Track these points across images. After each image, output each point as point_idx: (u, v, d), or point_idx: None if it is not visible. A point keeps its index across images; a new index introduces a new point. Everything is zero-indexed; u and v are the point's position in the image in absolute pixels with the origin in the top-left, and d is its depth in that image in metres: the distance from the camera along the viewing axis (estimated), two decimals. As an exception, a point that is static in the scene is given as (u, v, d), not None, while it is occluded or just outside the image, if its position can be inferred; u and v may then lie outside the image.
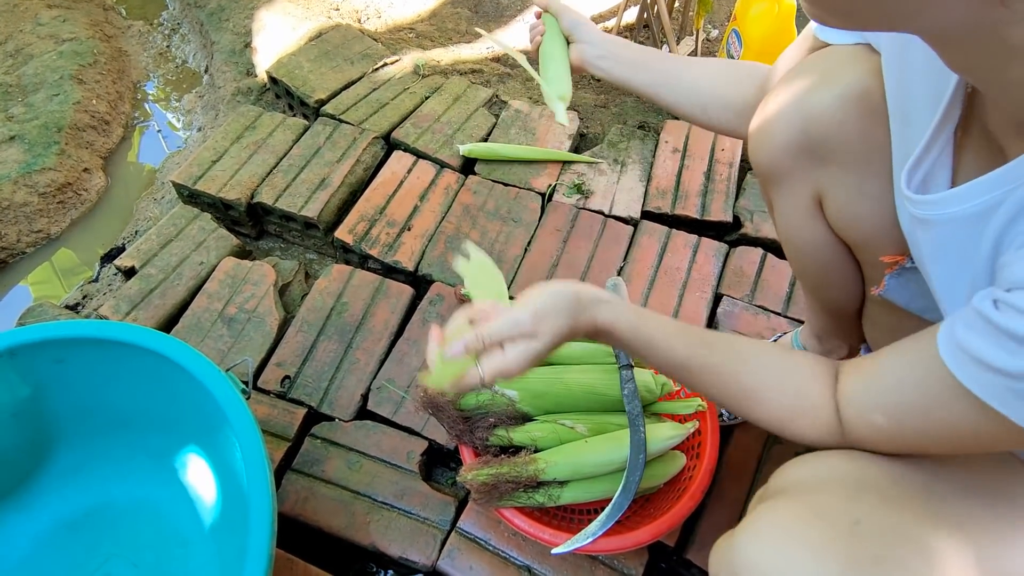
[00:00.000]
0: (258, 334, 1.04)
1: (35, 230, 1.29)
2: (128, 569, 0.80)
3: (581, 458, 0.76)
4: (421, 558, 0.84)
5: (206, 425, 0.76)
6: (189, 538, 0.82)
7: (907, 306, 0.60)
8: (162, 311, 1.07)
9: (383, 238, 1.16)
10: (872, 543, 0.45)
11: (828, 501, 0.49)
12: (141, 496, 0.85)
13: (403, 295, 1.09)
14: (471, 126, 1.35)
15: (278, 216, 1.22)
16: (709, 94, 0.73)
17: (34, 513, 0.83)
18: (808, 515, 0.48)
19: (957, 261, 0.46)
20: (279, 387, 0.99)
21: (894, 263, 0.58)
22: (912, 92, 0.49)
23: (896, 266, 0.58)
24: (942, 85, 0.45)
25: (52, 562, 0.80)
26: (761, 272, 1.11)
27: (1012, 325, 0.36)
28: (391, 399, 0.98)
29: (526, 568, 0.83)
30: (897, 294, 0.60)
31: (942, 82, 0.46)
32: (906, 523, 0.46)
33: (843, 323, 0.75)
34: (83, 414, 0.83)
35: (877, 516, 0.47)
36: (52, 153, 1.33)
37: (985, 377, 0.38)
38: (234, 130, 1.32)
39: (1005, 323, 0.36)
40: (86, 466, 0.85)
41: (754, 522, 0.49)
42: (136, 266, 1.12)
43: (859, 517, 0.47)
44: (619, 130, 1.35)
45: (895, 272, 0.58)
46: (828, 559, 0.44)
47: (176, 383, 0.75)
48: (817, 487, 0.52)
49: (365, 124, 1.34)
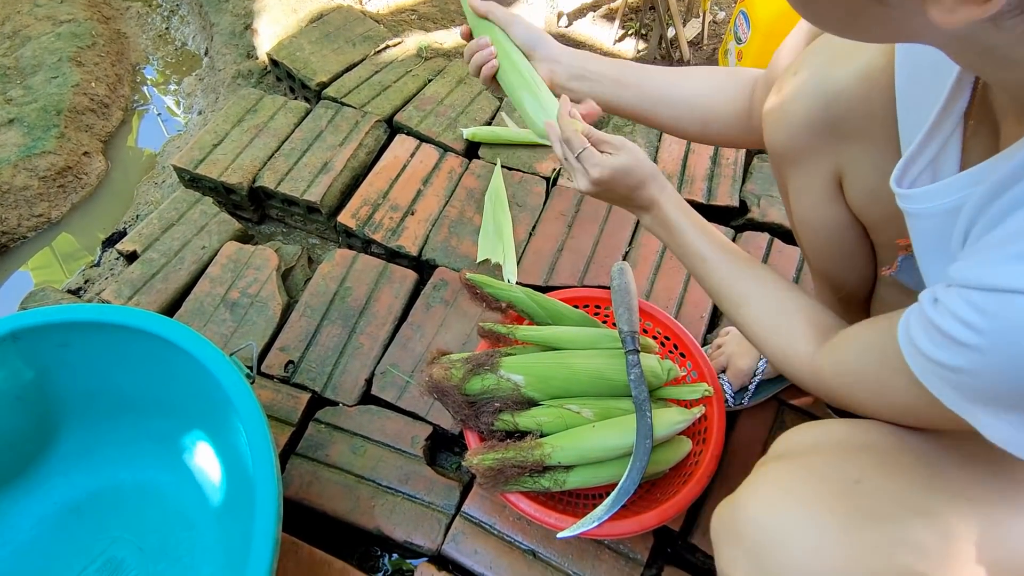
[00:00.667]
0: (261, 319, 1.04)
1: (36, 214, 1.28)
2: (133, 552, 0.80)
3: (587, 443, 0.75)
4: (426, 542, 0.84)
5: (211, 409, 0.76)
6: (194, 521, 0.82)
7: (917, 288, 0.60)
8: (164, 296, 1.06)
9: (386, 223, 1.15)
10: (872, 501, 0.46)
11: (828, 462, 0.50)
12: (146, 479, 0.85)
13: (407, 280, 1.08)
14: (474, 109, 1.33)
15: (280, 200, 1.21)
16: (708, 108, 0.71)
17: (40, 496, 0.83)
18: (808, 474, 0.49)
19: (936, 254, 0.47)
20: (283, 372, 0.99)
21: (908, 245, 0.57)
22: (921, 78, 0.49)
23: (910, 248, 0.57)
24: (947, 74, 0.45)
25: (58, 545, 0.80)
26: (768, 257, 1.10)
27: (940, 322, 0.38)
28: (395, 384, 0.97)
29: (531, 552, 0.83)
30: (908, 275, 0.59)
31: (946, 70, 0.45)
32: (906, 486, 0.47)
33: (851, 308, 0.75)
34: (88, 398, 0.82)
35: (877, 477, 0.48)
36: (52, 136, 1.32)
37: (920, 361, 0.41)
38: (235, 113, 1.31)
39: (937, 319, 0.39)
40: (91, 450, 0.85)
41: (755, 482, 0.51)
42: (138, 250, 1.12)
43: (859, 477, 0.48)
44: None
45: (910, 254, 0.58)
46: (828, 515, 0.45)
47: (180, 367, 0.75)
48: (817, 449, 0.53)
49: (367, 107, 1.32)
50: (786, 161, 0.63)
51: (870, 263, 0.67)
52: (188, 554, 0.80)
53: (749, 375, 0.90)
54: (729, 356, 0.92)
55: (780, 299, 0.62)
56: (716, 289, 0.65)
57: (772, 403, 0.94)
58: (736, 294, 0.63)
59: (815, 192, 0.62)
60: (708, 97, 0.71)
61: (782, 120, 0.60)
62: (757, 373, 0.90)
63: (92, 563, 0.80)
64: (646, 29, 1.62)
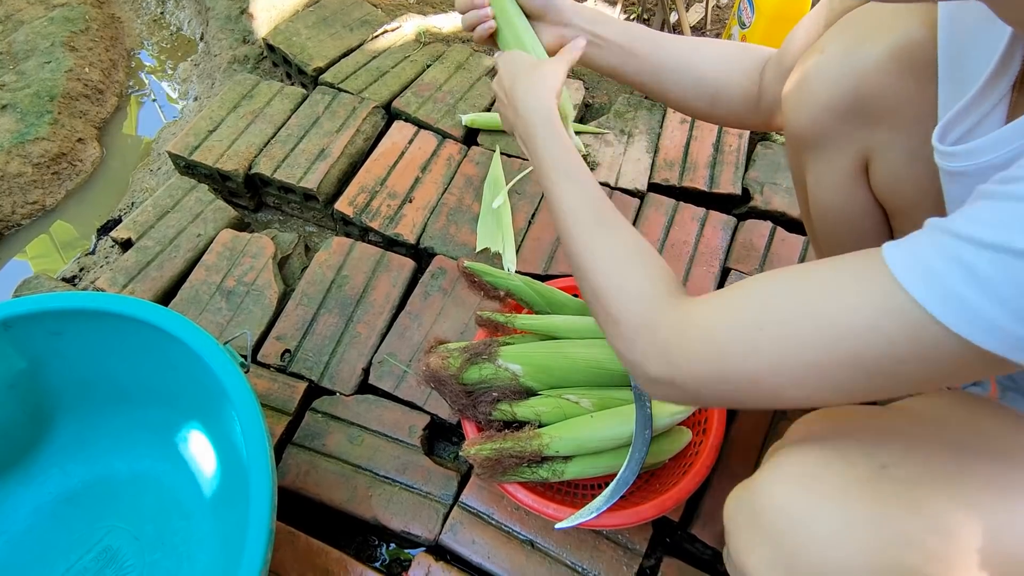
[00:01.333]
0: (257, 307, 1.03)
1: (30, 201, 1.27)
2: (129, 541, 0.80)
3: (586, 433, 0.74)
4: (423, 532, 0.83)
5: (205, 399, 0.75)
6: (190, 511, 0.81)
7: None
8: (159, 284, 1.05)
9: (384, 210, 1.14)
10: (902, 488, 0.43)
11: (853, 445, 0.47)
12: (142, 469, 0.85)
13: (404, 268, 1.07)
14: (474, 95, 1.31)
15: (277, 187, 1.19)
16: (717, 85, 0.68)
17: (35, 486, 0.82)
18: (832, 457, 0.46)
19: None
20: (279, 361, 0.98)
21: None
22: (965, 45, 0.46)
23: None
24: (996, 37, 0.43)
25: (53, 534, 0.80)
26: (771, 246, 1.08)
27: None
28: (393, 373, 0.96)
29: (529, 542, 0.82)
30: None
31: (996, 34, 0.43)
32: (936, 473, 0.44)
33: None
34: (82, 387, 0.81)
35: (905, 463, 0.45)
36: (45, 122, 1.30)
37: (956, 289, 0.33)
38: (231, 99, 1.29)
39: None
40: (87, 439, 0.84)
41: (776, 466, 0.48)
42: (132, 238, 1.10)
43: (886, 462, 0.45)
44: (626, 100, 1.31)
45: None
46: (855, 500, 0.43)
47: (174, 356, 0.74)
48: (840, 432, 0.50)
49: (365, 93, 1.31)
50: (807, 145, 0.60)
51: None
52: (184, 543, 0.79)
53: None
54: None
55: (642, 246, 0.54)
56: (572, 208, 0.57)
57: (773, 393, 0.93)
58: (591, 219, 0.56)
59: (837, 178, 0.60)
60: (718, 73, 0.68)
61: (805, 101, 0.57)
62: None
63: (88, 552, 0.79)
64: (648, 13, 1.59)
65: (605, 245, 0.54)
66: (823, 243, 0.70)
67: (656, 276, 0.51)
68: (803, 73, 0.57)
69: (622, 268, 0.52)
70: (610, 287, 0.52)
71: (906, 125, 0.53)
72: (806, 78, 0.57)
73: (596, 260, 0.54)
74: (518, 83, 0.65)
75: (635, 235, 0.55)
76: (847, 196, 0.60)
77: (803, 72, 0.57)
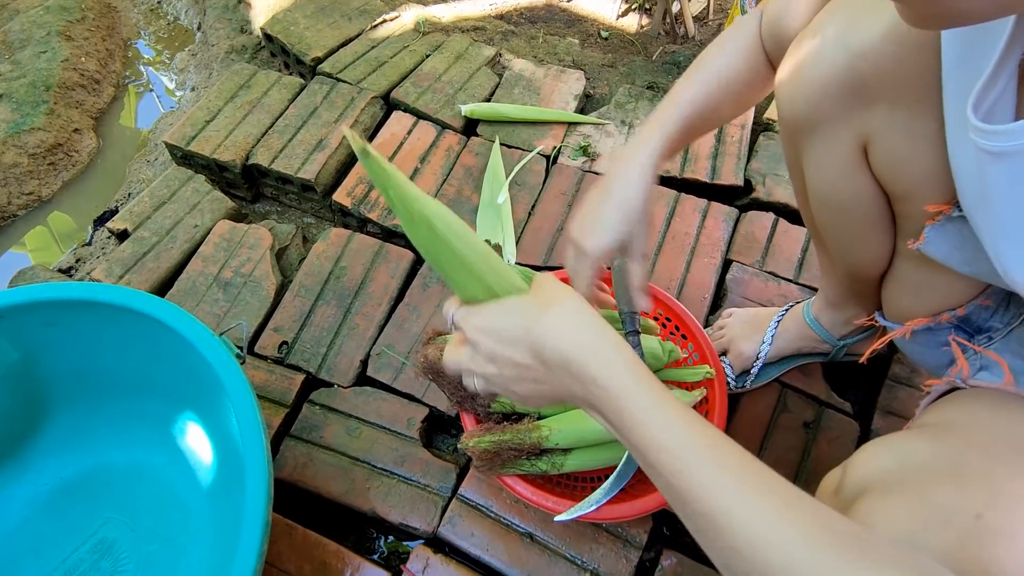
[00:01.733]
0: (255, 299, 1.02)
1: (26, 192, 1.25)
2: (125, 533, 0.79)
3: (585, 426, 0.74)
4: (422, 524, 0.83)
5: (201, 390, 0.74)
6: (187, 503, 0.81)
7: (945, 260, 0.56)
8: (156, 275, 1.04)
9: (383, 201, 1.12)
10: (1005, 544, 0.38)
11: (939, 493, 0.41)
12: (139, 461, 0.84)
13: (403, 260, 1.06)
14: (473, 85, 1.30)
15: (274, 178, 1.18)
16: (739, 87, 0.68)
17: (30, 477, 0.81)
18: (926, 513, 0.41)
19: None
20: (277, 353, 0.97)
21: (938, 213, 0.54)
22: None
23: (940, 216, 0.53)
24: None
25: (49, 526, 0.79)
26: (772, 237, 1.07)
27: None
28: (391, 365, 0.95)
29: (528, 535, 0.82)
30: (936, 247, 0.55)
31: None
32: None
33: (864, 287, 0.72)
34: (77, 378, 0.81)
35: (999, 509, 0.39)
36: (41, 113, 1.29)
37: None
38: (228, 89, 1.28)
39: None
40: (83, 431, 0.83)
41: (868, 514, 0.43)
42: (129, 229, 1.09)
43: (980, 511, 0.39)
44: (627, 90, 1.30)
45: (939, 223, 0.54)
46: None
47: (169, 347, 0.73)
48: (913, 477, 0.45)
49: (363, 83, 1.29)
50: (803, 131, 0.59)
51: (890, 238, 0.63)
52: (180, 535, 0.79)
53: (751, 359, 0.88)
54: (731, 339, 0.90)
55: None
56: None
57: (775, 385, 0.92)
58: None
59: (835, 163, 0.58)
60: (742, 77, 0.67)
61: (801, 86, 0.56)
62: (760, 357, 0.88)
63: (84, 544, 0.79)
64: (650, 3, 1.57)
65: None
66: (823, 232, 0.68)
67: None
68: (798, 58, 0.56)
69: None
70: None
71: (907, 103, 0.51)
72: (801, 62, 0.55)
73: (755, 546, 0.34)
74: (536, 327, 0.42)
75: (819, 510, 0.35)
76: (846, 182, 0.59)
77: (797, 56, 0.56)
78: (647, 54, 1.46)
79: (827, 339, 0.86)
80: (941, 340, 0.62)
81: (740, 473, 0.36)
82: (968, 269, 0.54)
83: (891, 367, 0.94)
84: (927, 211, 0.53)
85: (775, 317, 0.90)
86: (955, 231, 0.53)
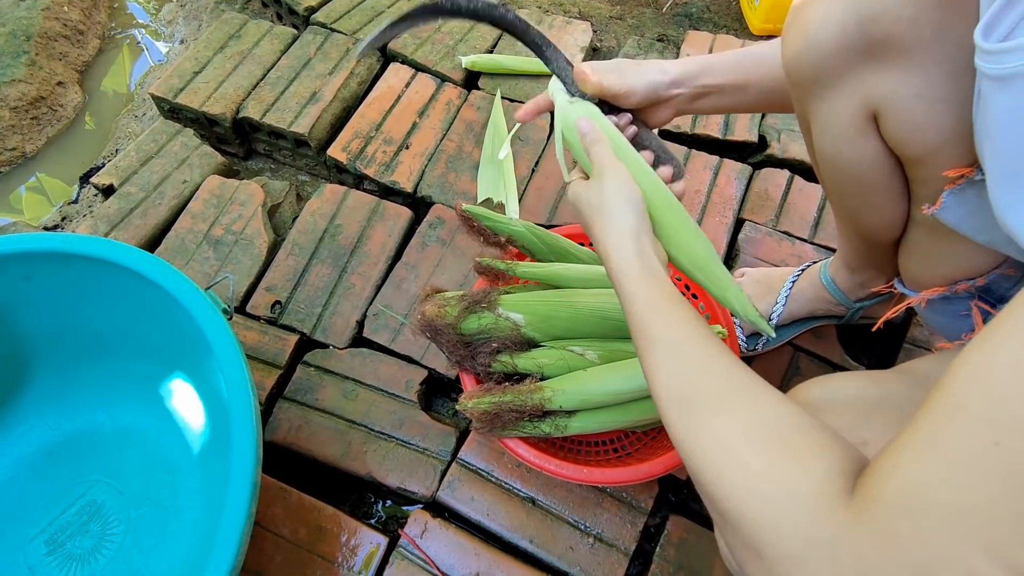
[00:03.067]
0: (246, 257, 0.98)
1: (8, 148, 1.20)
2: (113, 496, 0.77)
3: (591, 387, 0.70)
4: (420, 488, 0.80)
5: (188, 348, 0.71)
6: (177, 465, 0.78)
7: (957, 226, 0.53)
8: (143, 231, 1.00)
9: (379, 157, 1.07)
10: None
11: (837, 422, 0.45)
12: (127, 423, 0.81)
13: (401, 217, 1.02)
14: (474, 37, 1.23)
15: (266, 133, 1.13)
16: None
17: (14, 438, 0.79)
18: None
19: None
20: (269, 313, 0.94)
21: (960, 176, 0.50)
22: None
23: (962, 179, 0.50)
24: None
25: (35, 487, 0.77)
26: (787, 196, 1.02)
27: None
28: (388, 326, 0.92)
29: (530, 499, 0.79)
30: (951, 213, 0.52)
31: None
32: None
33: (880, 253, 0.68)
34: (58, 337, 0.77)
35: (885, 438, 0.41)
36: (21, 64, 1.23)
37: None
38: (217, 39, 1.22)
39: None
40: (66, 391, 0.80)
41: None
42: (115, 184, 1.05)
43: (867, 438, 0.43)
44: (636, 42, 1.24)
45: (959, 187, 0.50)
46: None
47: (153, 303, 0.69)
48: (828, 408, 0.49)
49: (359, 34, 1.23)
50: (811, 93, 0.55)
51: (904, 202, 0.59)
52: (171, 498, 0.76)
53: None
54: (744, 299, 0.86)
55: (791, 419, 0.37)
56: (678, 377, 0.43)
57: (787, 348, 0.89)
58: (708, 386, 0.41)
59: (846, 125, 0.54)
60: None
61: (809, 47, 0.51)
62: (772, 318, 0.84)
63: (71, 506, 0.76)
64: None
65: (723, 431, 0.37)
66: (833, 195, 0.65)
67: (815, 461, 0.33)
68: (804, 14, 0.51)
69: (754, 461, 0.35)
70: (736, 493, 0.34)
71: (922, 65, 0.47)
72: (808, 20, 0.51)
73: (710, 456, 0.37)
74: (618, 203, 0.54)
75: (777, 403, 0.38)
76: (857, 145, 0.55)
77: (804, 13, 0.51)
78: (657, 5, 1.39)
79: (843, 301, 0.82)
80: (959, 308, 0.59)
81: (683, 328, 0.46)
82: (983, 237, 0.51)
83: (910, 330, 0.90)
84: (947, 176, 0.50)
85: (789, 278, 0.86)
86: (974, 196, 0.49)
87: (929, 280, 0.61)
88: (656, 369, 0.44)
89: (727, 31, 1.33)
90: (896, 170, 0.56)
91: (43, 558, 0.73)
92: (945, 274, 0.59)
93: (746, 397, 0.39)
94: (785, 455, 0.34)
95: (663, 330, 0.46)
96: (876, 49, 0.48)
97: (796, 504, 0.32)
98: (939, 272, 0.60)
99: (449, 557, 0.75)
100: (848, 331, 0.91)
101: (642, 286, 0.49)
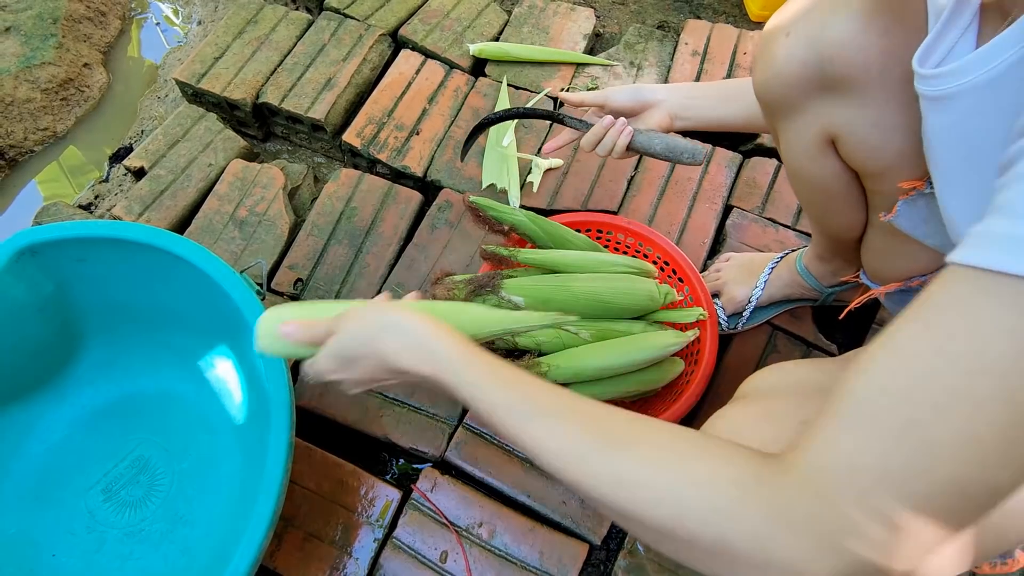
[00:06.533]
0: (270, 237, 1.06)
1: (41, 128, 1.28)
2: (159, 452, 0.87)
3: (584, 362, 0.79)
4: (430, 449, 0.90)
5: (225, 324, 0.80)
6: (215, 426, 0.88)
7: (911, 231, 0.60)
8: (174, 212, 1.08)
9: (391, 142, 1.14)
10: None
11: (780, 405, 0.51)
12: (169, 389, 0.90)
13: (412, 201, 1.09)
14: (482, 23, 1.28)
15: (284, 117, 1.20)
16: None
17: (70, 401, 0.88)
18: (760, 417, 0.51)
19: (967, 166, 0.44)
20: (292, 289, 1.02)
21: (912, 188, 0.57)
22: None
23: (913, 191, 0.57)
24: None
25: (90, 443, 0.87)
26: (774, 184, 1.09)
27: None
28: (401, 303, 1.00)
29: (528, 461, 0.89)
30: (905, 220, 0.59)
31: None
32: None
33: (845, 248, 0.76)
34: (108, 312, 0.86)
35: None
36: (50, 46, 1.29)
37: None
38: (235, 24, 1.27)
39: None
40: (115, 361, 0.89)
41: (711, 423, 0.54)
42: (145, 167, 1.12)
43: (806, 418, 0.42)
44: (637, 30, 1.28)
45: (911, 198, 0.57)
46: None
47: (193, 284, 0.77)
48: (775, 392, 0.55)
49: (371, 20, 1.28)
50: (776, 114, 0.62)
51: (862, 208, 0.67)
52: (209, 456, 0.86)
53: (743, 303, 0.92)
54: (725, 283, 0.94)
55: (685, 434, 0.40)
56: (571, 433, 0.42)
57: (765, 327, 0.97)
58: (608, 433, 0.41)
59: (806, 146, 0.62)
60: None
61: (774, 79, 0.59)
62: (752, 300, 0.92)
63: (122, 461, 0.86)
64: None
65: (632, 464, 0.38)
66: (801, 199, 0.73)
67: (727, 454, 0.37)
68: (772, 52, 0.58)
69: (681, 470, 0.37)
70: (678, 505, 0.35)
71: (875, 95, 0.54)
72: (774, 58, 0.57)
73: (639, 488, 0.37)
74: (378, 334, 0.51)
75: (666, 429, 0.41)
76: (817, 163, 0.62)
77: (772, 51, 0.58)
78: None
79: (816, 287, 0.90)
80: None
81: (546, 406, 0.43)
82: (932, 241, 0.58)
83: (879, 312, 0.98)
84: (901, 187, 0.57)
85: (769, 264, 0.93)
86: (924, 205, 0.56)
87: (888, 275, 0.69)
88: (544, 440, 0.41)
89: (726, 18, 1.38)
90: (854, 183, 0.63)
91: (101, 504, 0.84)
92: (901, 270, 0.66)
93: (640, 427, 0.41)
94: (706, 455, 0.37)
95: (530, 402, 0.43)
96: (833, 84, 0.55)
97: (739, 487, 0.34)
98: (896, 268, 0.67)
99: (456, 508, 0.85)
100: (822, 312, 0.99)
101: (475, 374, 0.46)
